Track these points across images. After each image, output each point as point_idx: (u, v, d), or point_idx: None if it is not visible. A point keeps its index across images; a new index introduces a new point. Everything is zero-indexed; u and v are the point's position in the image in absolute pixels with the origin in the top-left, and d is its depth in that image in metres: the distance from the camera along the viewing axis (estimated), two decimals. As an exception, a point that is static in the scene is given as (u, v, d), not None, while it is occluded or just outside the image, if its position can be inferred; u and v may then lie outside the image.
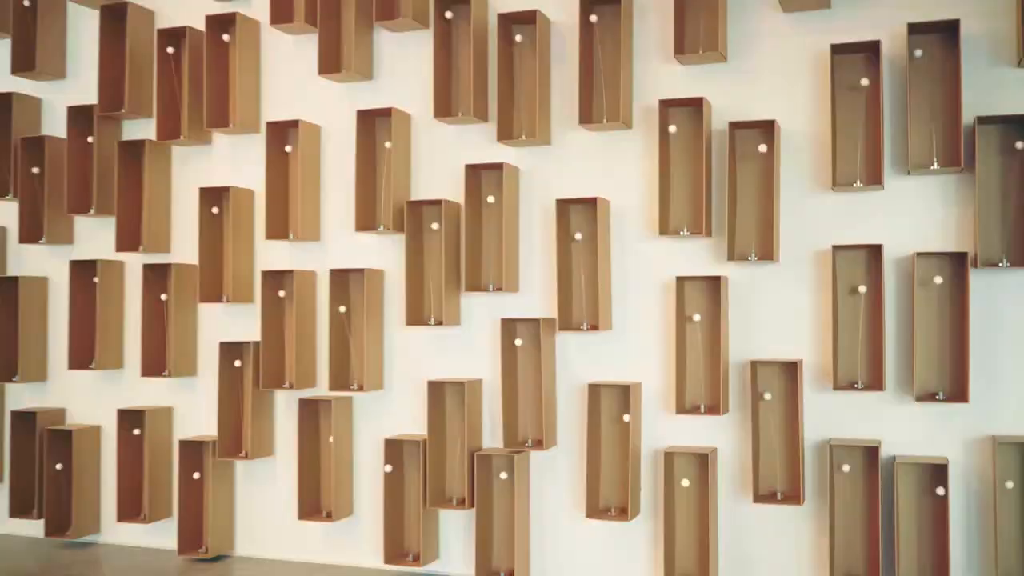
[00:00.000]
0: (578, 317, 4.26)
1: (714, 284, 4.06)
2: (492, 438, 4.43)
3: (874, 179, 3.85)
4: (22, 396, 5.30)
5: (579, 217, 4.28)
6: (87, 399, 5.18)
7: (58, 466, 5.01)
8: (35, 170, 5.14)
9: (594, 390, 4.17)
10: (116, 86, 5.05)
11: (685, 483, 4.00)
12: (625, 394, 4.16)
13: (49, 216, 5.12)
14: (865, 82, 3.84)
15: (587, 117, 4.23)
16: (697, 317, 4.03)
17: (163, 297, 4.87)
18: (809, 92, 4.02)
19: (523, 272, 4.41)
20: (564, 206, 4.26)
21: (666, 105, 4.10)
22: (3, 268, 5.38)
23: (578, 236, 4.21)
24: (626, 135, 4.27)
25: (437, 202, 4.41)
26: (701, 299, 4.09)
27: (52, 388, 5.26)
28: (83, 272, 5.04)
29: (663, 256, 4.19)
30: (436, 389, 4.40)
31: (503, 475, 4.28)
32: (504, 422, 4.22)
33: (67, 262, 5.06)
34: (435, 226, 4.44)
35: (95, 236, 5.19)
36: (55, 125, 5.30)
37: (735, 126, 4.00)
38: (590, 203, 4.23)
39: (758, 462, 3.92)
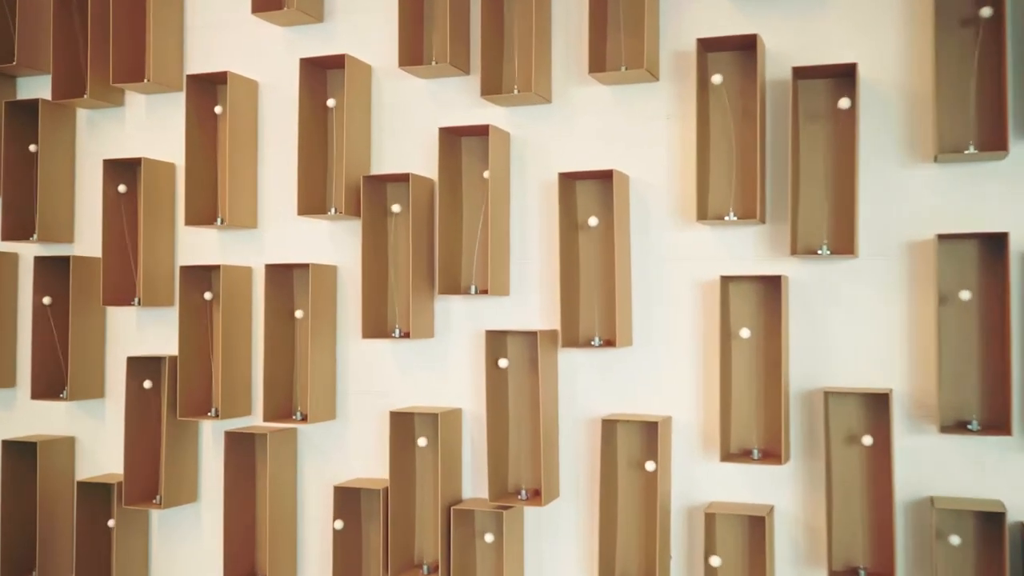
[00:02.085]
0: (588, 329, 3.22)
1: (771, 287, 3.02)
2: (474, 487, 3.40)
3: (994, 143, 2.82)
4: None
5: (589, 197, 3.24)
6: (-29, 425, 4.16)
7: (-67, 510, 3.99)
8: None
9: (609, 426, 3.14)
10: (3, 33, 4.02)
11: (721, 559, 2.97)
12: (650, 433, 3.13)
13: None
14: (987, 11, 2.80)
15: (599, 64, 3.20)
16: (747, 332, 3.00)
17: (44, 300, 3.83)
18: (903, 28, 2.98)
19: (515, 269, 3.37)
20: (569, 182, 3.22)
21: (706, 47, 3.06)
22: None
23: (592, 222, 3.17)
24: (651, 89, 3.23)
25: (403, 177, 3.37)
26: (753, 307, 3.06)
27: (-69, 411, 4.24)
28: (-38, 267, 4.01)
29: (702, 249, 3.15)
30: (401, 421, 3.37)
31: (488, 536, 3.26)
32: (490, 466, 3.19)
33: (-57, 254, 4.05)
34: (399, 208, 3.40)
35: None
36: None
37: (800, 74, 2.96)
38: (604, 178, 3.19)
39: (832, 527, 2.89)
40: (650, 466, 3.05)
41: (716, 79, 3.02)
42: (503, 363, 3.22)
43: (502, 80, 3.39)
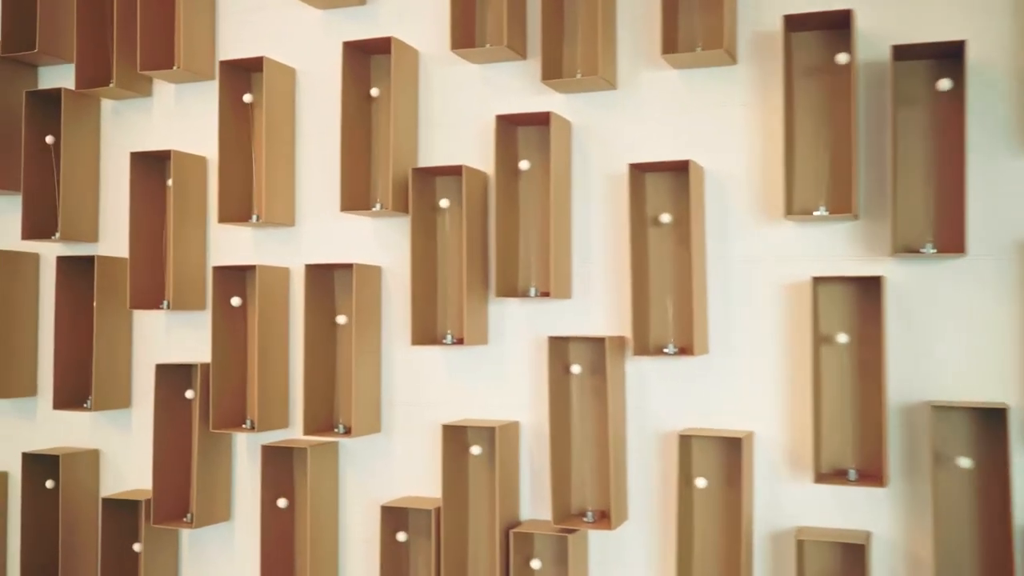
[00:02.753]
0: (660, 336, 2.94)
1: (868, 289, 2.73)
2: (534, 507, 3.12)
3: (1125, 130, 2.52)
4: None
5: (661, 191, 2.96)
6: (-10, 437, 3.92)
7: (-51, 527, 3.76)
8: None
9: (686, 442, 2.85)
10: (25, 18, 3.77)
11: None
12: (732, 450, 2.84)
13: (-62, 193, 3.85)
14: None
15: (671, 45, 2.92)
16: (843, 338, 2.70)
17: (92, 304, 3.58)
18: (1014, 2, 2.69)
19: (578, 270, 3.09)
20: (639, 175, 2.94)
21: (792, 25, 2.78)
22: None
23: (664, 218, 2.88)
24: (729, 73, 2.95)
25: (455, 169, 3.09)
26: (848, 311, 2.77)
27: (-53, 420, 4.00)
28: (-20, 268, 3.77)
29: (789, 248, 2.86)
30: (454, 436, 3.10)
31: (540, 562, 2.98)
32: (553, 485, 2.91)
33: (-39, 254, 3.80)
34: (447, 203, 3.13)
35: (-1, 220, 3.92)
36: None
37: (901, 53, 2.67)
38: (678, 170, 2.91)
39: (942, 559, 2.60)
40: (701, 483, 2.76)
41: (804, 60, 2.72)
42: (576, 369, 2.94)
43: (562, 64, 3.11)
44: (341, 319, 3.27)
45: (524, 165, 3.04)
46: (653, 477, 2.98)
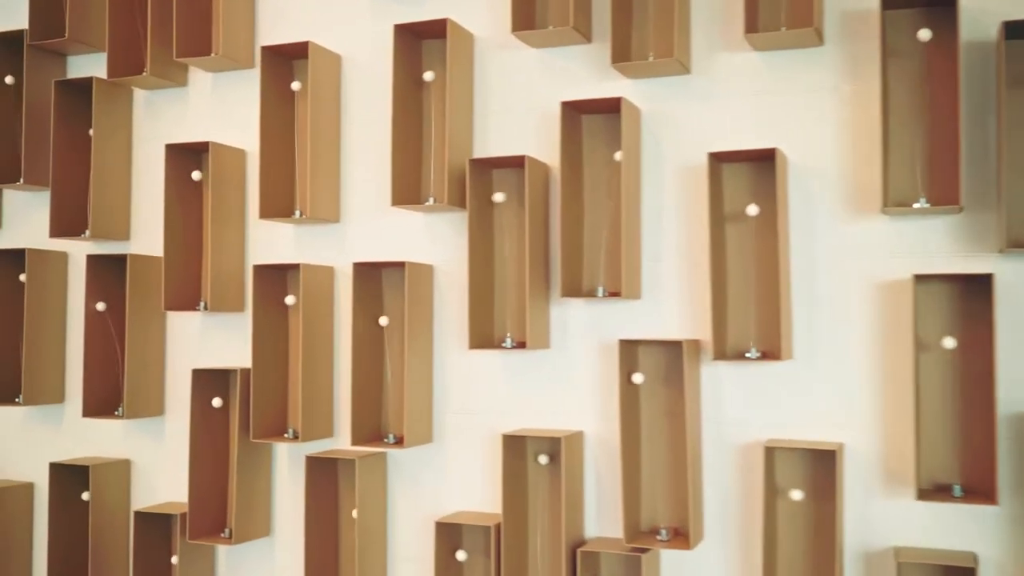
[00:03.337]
0: (741, 339, 2.72)
1: (975, 288, 2.50)
2: (601, 524, 2.89)
3: None
4: (-70, 438, 3.84)
5: (742, 182, 2.74)
6: (13, 446, 3.71)
7: (-28, 540, 3.56)
8: (-57, 124, 3.68)
9: (772, 455, 2.62)
10: (53, 4, 3.59)
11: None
12: (821, 462, 2.61)
13: (-38, 188, 3.66)
14: None
15: (753, 24, 2.70)
16: (950, 342, 2.47)
17: (98, 306, 3.38)
18: None
19: (648, 268, 2.87)
20: (718, 165, 2.72)
21: (889, 1, 2.55)
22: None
23: (752, 210, 2.66)
24: (816, 55, 2.73)
25: (516, 161, 2.88)
26: (951, 313, 2.53)
27: (-30, 428, 3.80)
28: (6, 267, 3.57)
29: (884, 243, 2.63)
30: (514, 446, 2.88)
31: (621, 584, 2.76)
32: (625, 500, 2.69)
33: (-15, 253, 3.61)
34: (502, 197, 2.91)
35: (23, 216, 3.71)
36: (-25, 63, 3.84)
37: (1012, 29, 2.44)
38: (761, 160, 2.69)
39: (1060, 584, 2.37)
40: (796, 495, 2.53)
41: (906, 40, 2.49)
42: (637, 378, 2.71)
43: (631, 46, 2.89)
44: (384, 321, 3.06)
45: (607, 156, 2.81)
46: (730, 492, 2.75)
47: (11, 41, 3.62)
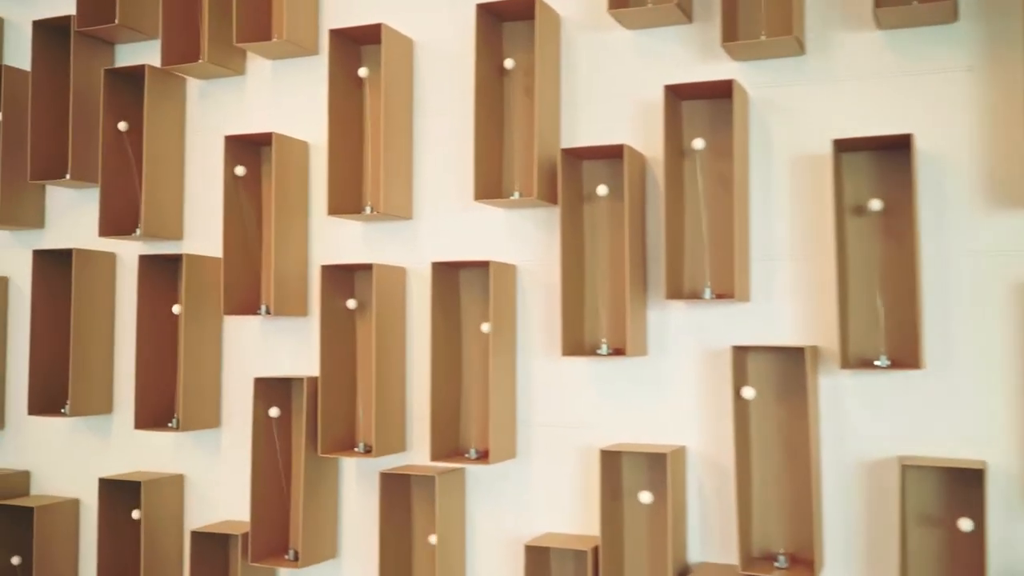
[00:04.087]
0: (870, 346, 2.46)
1: None
2: (707, 548, 2.64)
3: None
4: (-31, 451, 3.63)
5: (867, 174, 2.49)
6: (58, 460, 3.48)
7: (14, 560, 3.33)
8: (-15, 117, 3.48)
9: (907, 472, 2.36)
10: (103, -12, 3.39)
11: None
12: (960, 481, 2.35)
13: (5, 185, 3.44)
14: None
15: None
16: (1115, 349, 2.22)
17: (174, 309, 3.16)
18: None
19: (758, 268, 2.62)
20: (839, 155, 2.47)
21: (1036, -28, 2.31)
22: (-55, 263, 3.69)
23: (875, 205, 2.40)
24: (949, 32, 2.47)
25: (614, 151, 2.64)
26: (1112, 316, 2.28)
27: (9, 441, 3.58)
28: (52, 268, 3.35)
29: (1028, 239, 2.38)
30: (611, 463, 2.63)
31: (733, 615, 2.51)
32: (740, 524, 2.44)
33: (30, 253, 3.39)
34: (605, 191, 2.67)
35: (69, 215, 3.50)
36: (17, 52, 3.63)
37: None
38: (887, 148, 2.43)
39: None
40: (965, 525, 2.27)
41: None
42: (748, 393, 2.46)
43: (738, 26, 2.65)
44: (486, 327, 2.82)
45: (698, 144, 2.56)
46: (855, 514, 2.50)
47: (58, 28, 3.41)
